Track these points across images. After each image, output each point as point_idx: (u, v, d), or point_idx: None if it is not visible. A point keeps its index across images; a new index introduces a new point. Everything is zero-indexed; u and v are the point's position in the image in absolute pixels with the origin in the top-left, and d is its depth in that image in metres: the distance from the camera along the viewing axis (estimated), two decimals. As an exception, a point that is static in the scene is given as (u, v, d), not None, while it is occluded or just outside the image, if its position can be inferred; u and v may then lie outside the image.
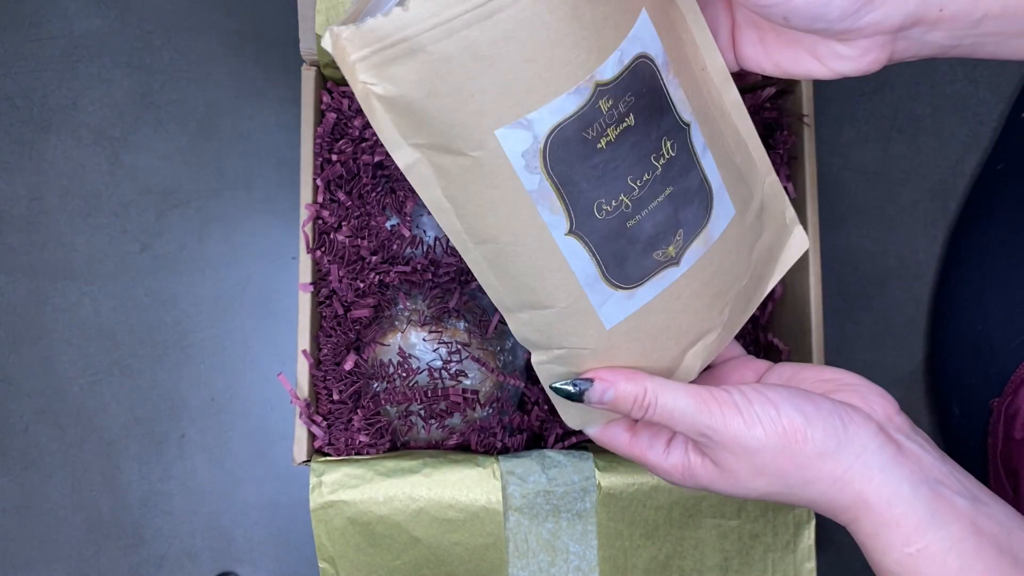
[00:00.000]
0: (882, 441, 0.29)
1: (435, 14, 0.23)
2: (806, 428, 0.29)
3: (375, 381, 0.45)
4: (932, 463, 0.30)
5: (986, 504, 0.29)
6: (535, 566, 0.41)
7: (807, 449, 0.29)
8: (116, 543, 0.52)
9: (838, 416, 0.29)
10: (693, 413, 0.29)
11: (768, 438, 0.29)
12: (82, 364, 0.52)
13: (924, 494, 0.29)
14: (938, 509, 0.28)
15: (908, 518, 0.28)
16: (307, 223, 0.43)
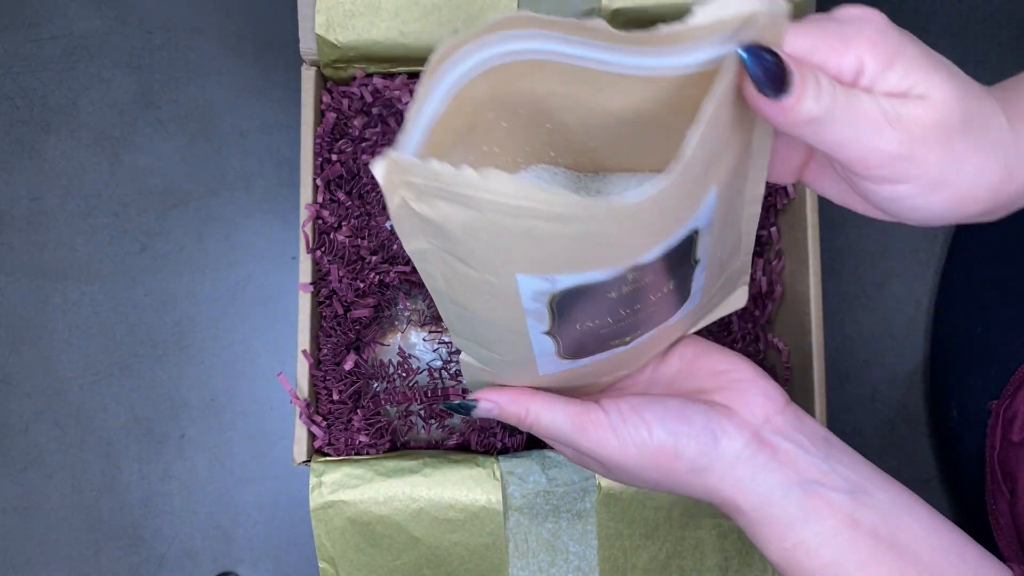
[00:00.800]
0: (754, 450, 0.31)
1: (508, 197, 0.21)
2: (676, 449, 0.30)
3: (375, 381, 0.45)
4: (810, 463, 0.31)
5: (870, 495, 0.30)
6: (535, 566, 0.41)
7: (679, 467, 0.31)
8: (116, 543, 0.52)
9: (710, 432, 0.30)
10: (570, 434, 0.31)
11: (641, 458, 0.31)
12: (82, 364, 0.52)
13: (796, 496, 0.30)
14: (811, 508, 0.30)
15: (780, 519, 0.30)
16: (307, 223, 0.43)
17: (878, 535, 0.29)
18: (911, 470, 0.53)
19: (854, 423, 0.53)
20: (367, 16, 0.42)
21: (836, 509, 0.30)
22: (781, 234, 0.48)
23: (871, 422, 0.54)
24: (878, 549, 0.29)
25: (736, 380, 0.33)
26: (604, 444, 0.31)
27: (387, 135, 0.45)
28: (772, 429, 0.32)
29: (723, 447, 0.31)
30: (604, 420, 0.30)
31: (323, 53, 0.43)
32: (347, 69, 0.44)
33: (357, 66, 0.44)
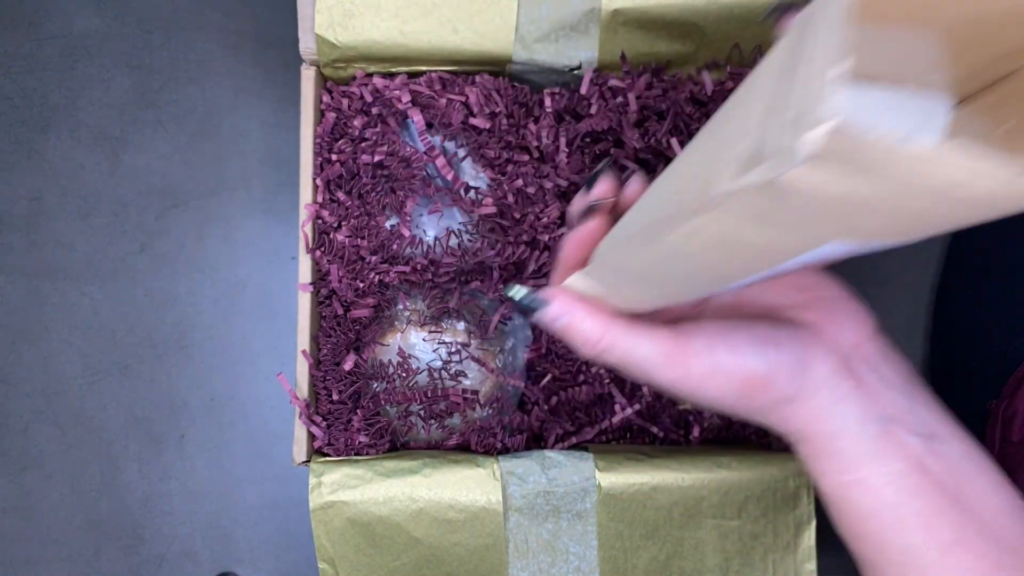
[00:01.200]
0: (840, 378, 0.29)
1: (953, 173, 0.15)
2: (767, 377, 0.28)
3: (375, 381, 0.45)
4: (891, 399, 0.29)
5: (943, 442, 0.29)
6: (535, 566, 0.41)
7: (764, 396, 0.29)
8: (115, 543, 0.52)
9: (800, 359, 0.29)
10: (654, 363, 0.28)
11: (728, 386, 0.28)
12: (81, 364, 0.52)
13: (871, 430, 0.28)
14: (883, 446, 0.28)
15: (848, 451, 0.28)
16: (307, 223, 0.43)
17: (944, 486, 0.28)
18: (912, 470, 0.53)
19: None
20: (367, 16, 0.42)
21: (908, 452, 0.28)
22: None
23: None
24: (942, 501, 0.28)
25: (825, 298, 0.31)
26: (691, 372, 0.28)
27: (387, 135, 0.45)
28: (860, 357, 0.30)
29: (811, 373, 0.29)
30: (691, 346, 0.28)
31: (323, 53, 0.43)
32: (347, 69, 0.44)
33: (357, 66, 0.44)
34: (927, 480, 0.28)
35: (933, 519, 0.28)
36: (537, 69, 0.44)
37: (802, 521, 0.42)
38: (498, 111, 0.44)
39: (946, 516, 0.28)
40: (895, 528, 0.28)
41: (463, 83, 0.45)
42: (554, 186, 0.44)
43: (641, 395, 0.47)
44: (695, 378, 0.28)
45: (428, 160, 0.45)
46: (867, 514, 0.28)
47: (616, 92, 0.45)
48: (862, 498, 0.28)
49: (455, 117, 0.44)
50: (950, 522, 0.28)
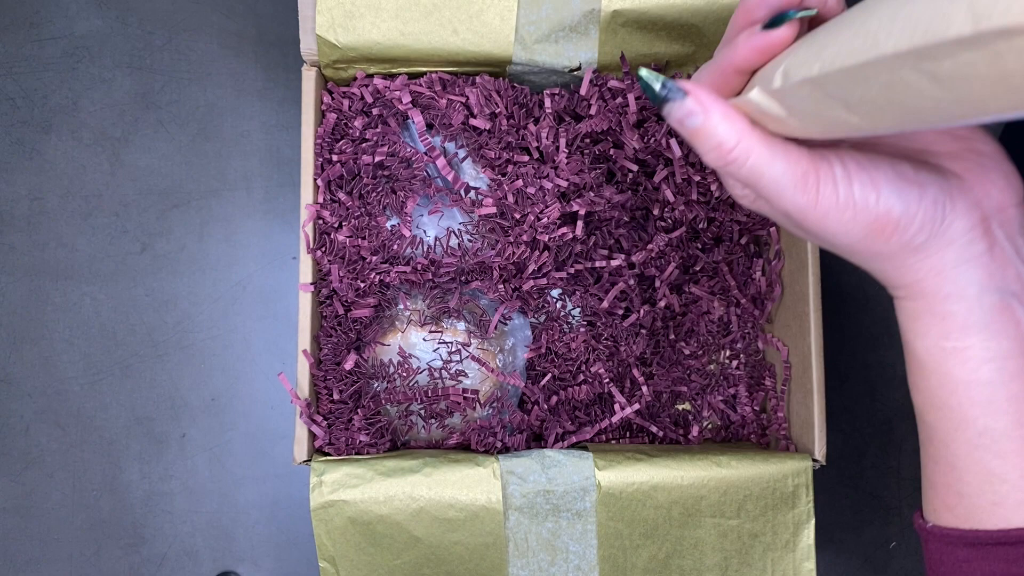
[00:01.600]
0: (974, 236, 0.27)
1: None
2: (901, 220, 0.26)
3: (375, 381, 0.45)
4: (1018, 275, 0.27)
5: None
6: (535, 565, 0.41)
7: (894, 240, 0.26)
8: (117, 543, 0.52)
9: (941, 206, 0.26)
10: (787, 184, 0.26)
11: (855, 223, 0.26)
12: (83, 364, 0.52)
13: (990, 301, 0.26)
14: (997, 319, 0.26)
15: (958, 316, 0.27)
16: (307, 223, 0.43)
17: None
18: (911, 470, 0.53)
19: (854, 423, 0.53)
20: (368, 17, 0.42)
21: (1020, 331, 0.26)
22: (781, 234, 0.48)
23: (871, 422, 0.54)
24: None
25: (979, 152, 0.28)
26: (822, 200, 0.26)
27: (387, 135, 0.45)
28: (1001, 220, 0.27)
29: (947, 224, 0.26)
30: (829, 172, 0.26)
31: (324, 54, 0.43)
32: (348, 70, 0.44)
33: (358, 66, 0.44)
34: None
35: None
36: (537, 70, 0.44)
37: (801, 520, 0.42)
38: (498, 112, 0.45)
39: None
40: (983, 407, 0.26)
41: (463, 84, 0.45)
42: (554, 186, 0.44)
43: (641, 395, 0.47)
44: (824, 208, 0.26)
45: (428, 160, 0.45)
46: (957, 386, 0.27)
47: (616, 93, 0.45)
48: (958, 368, 0.27)
49: (455, 118, 0.44)
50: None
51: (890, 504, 0.53)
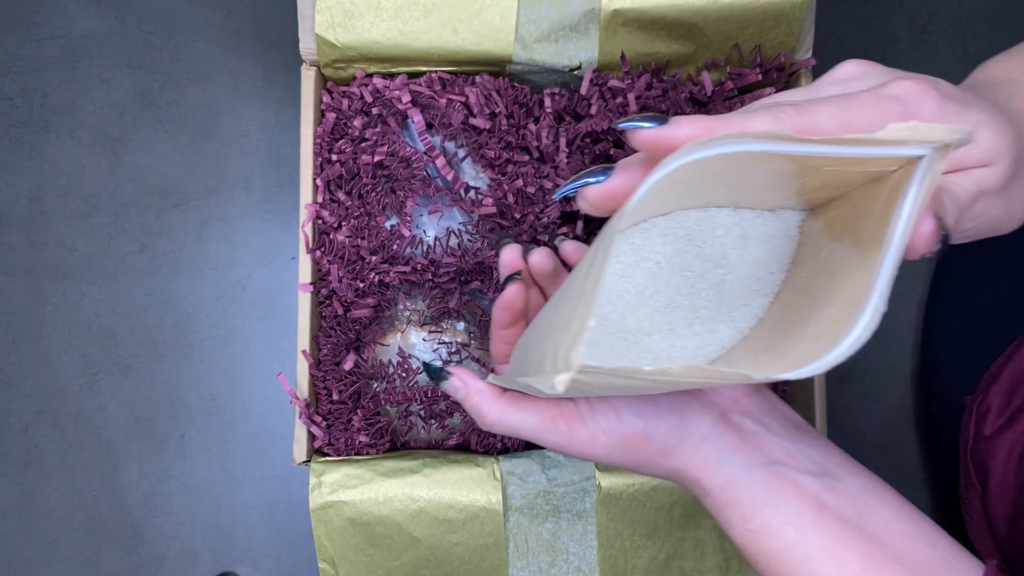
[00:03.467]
0: (721, 431, 0.31)
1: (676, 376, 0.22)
2: (647, 432, 0.30)
3: (375, 381, 0.45)
4: (776, 444, 0.31)
5: (838, 479, 0.30)
6: (535, 566, 0.41)
7: (649, 449, 0.31)
8: (116, 543, 0.52)
9: (677, 413, 0.31)
10: (541, 431, 0.31)
11: (611, 445, 0.31)
12: (82, 364, 0.52)
13: (760, 476, 0.30)
14: (775, 489, 0.29)
15: (743, 499, 0.30)
16: (307, 223, 0.43)
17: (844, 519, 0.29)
18: (911, 470, 0.53)
19: (854, 423, 0.53)
20: (367, 16, 0.42)
21: (801, 491, 0.29)
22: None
23: (871, 422, 0.54)
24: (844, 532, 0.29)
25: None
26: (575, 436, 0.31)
27: (387, 135, 0.45)
28: (740, 411, 0.32)
29: (690, 427, 0.31)
30: (574, 410, 0.30)
31: (323, 53, 0.43)
32: (347, 69, 0.44)
33: (357, 66, 0.44)
34: (826, 515, 0.29)
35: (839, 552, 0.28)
36: (537, 69, 0.44)
37: (802, 521, 0.42)
38: (498, 111, 0.44)
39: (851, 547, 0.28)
40: (805, 566, 0.29)
41: (463, 83, 0.45)
42: (554, 186, 0.44)
43: (641, 395, 0.47)
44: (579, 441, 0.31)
45: (428, 160, 0.45)
46: (777, 556, 0.29)
47: (616, 92, 0.45)
48: (768, 542, 0.29)
49: (455, 117, 0.44)
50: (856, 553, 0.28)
51: (891, 505, 0.53)
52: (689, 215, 0.28)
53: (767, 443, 0.31)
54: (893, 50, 0.54)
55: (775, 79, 0.45)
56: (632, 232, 0.28)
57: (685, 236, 0.28)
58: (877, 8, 0.55)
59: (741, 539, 0.30)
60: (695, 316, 0.29)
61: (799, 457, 0.30)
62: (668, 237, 0.28)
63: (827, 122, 0.24)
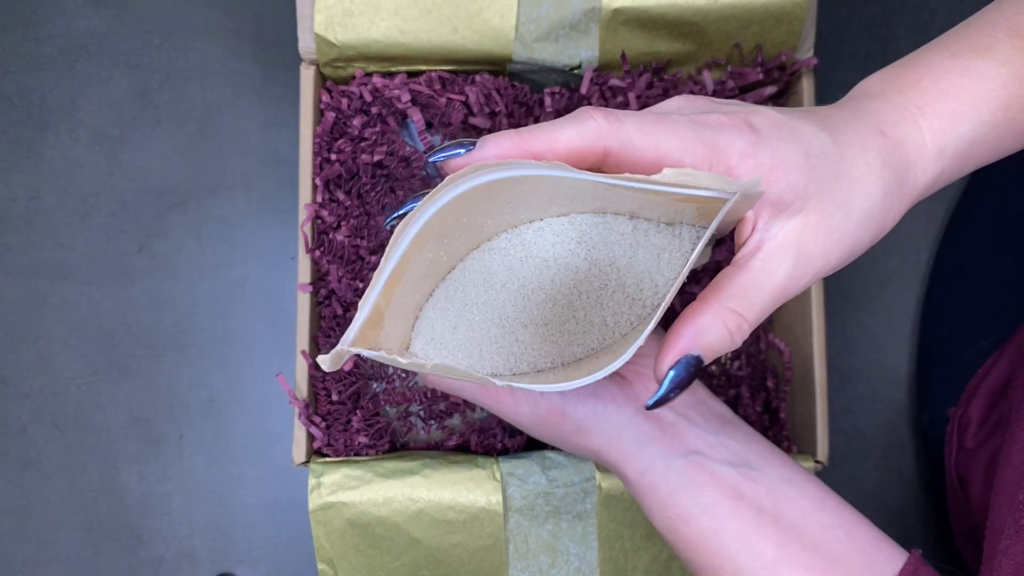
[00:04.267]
0: (640, 420, 0.32)
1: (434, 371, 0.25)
2: (564, 410, 0.32)
3: (374, 382, 0.45)
4: (696, 436, 0.32)
5: (757, 469, 0.31)
6: (535, 568, 0.41)
7: (566, 427, 0.32)
8: (114, 544, 0.51)
9: (599, 399, 0.32)
10: (474, 391, 0.33)
11: (533, 416, 0.32)
12: (80, 365, 0.52)
13: (677, 465, 0.31)
14: (693, 478, 0.30)
15: (661, 487, 0.31)
16: (306, 223, 0.43)
17: (761, 508, 0.29)
18: (912, 471, 0.53)
19: (855, 423, 0.53)
20: (366, 15, 0.42)
21: (719, 480, 0.30)
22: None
23: (872, 423, 0.53)
24: (760, 521, 0.29)
25: (640, 355, 0.34)
26: (502, 401, 0.33)
27: (386, 134, 0.45)
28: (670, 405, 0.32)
29: (610, 414, 0.32)
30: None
31: (322, 52, 0.43)
32: (346, 68, 0.44)
33: (356, 65, 0.44)
34: (742, 504, 0.30)
35: (754, 539, 0.29)
36: (537, 68, 0.44)
37: (803, 522, 0.42)
38: (498, 111, 0.44)
39: (766, 535, 0.29)
40: (721, 554, 0.29)
41: (463, 82, 0.44)
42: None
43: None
44: (505, 406, 0.33)
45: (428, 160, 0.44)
46: (695, 544, 0.30)
47: (616, 92, 0.44)
48: (686, 530, 0.30)
49: (455, 117, 0.44)
50: (771, 541, 0.29)
51: (892, 506, 0.53)
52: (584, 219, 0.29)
53: (687, 434, 0.32)
54: (894, 49, 0.54)
55: (776, 78, 0.45)
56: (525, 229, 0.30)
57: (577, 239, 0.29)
58: (878, 7, 0.55)
59: (661, 527, 0.31)
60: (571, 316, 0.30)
61: (719, 448, 0.31)
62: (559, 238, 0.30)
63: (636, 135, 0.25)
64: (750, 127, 0.25)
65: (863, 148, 0.26)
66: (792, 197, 0.25)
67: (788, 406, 0.47)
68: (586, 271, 0.29)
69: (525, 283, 0.30)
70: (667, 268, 0.29)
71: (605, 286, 0.29)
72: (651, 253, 0.29)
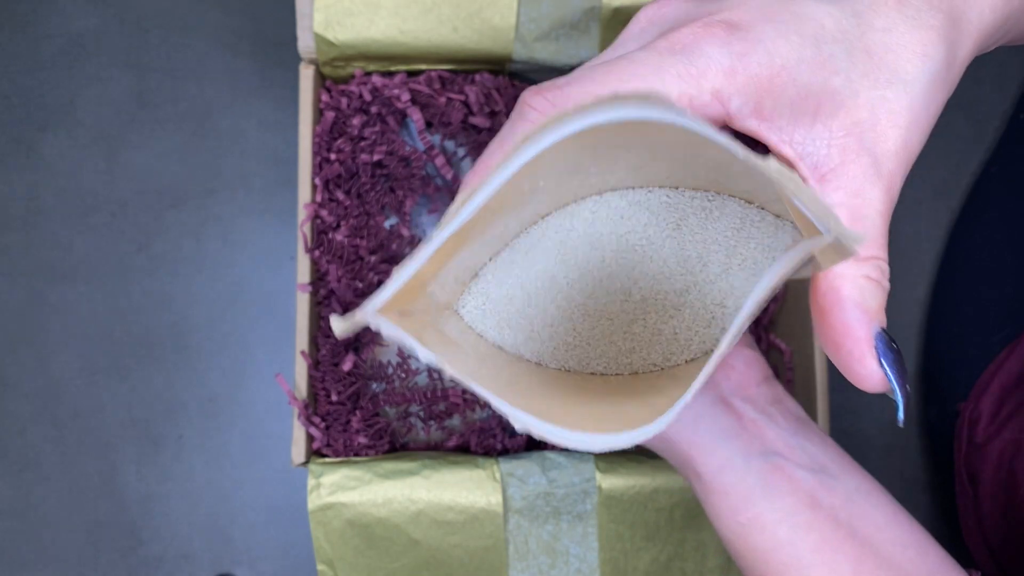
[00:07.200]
0: (719, 412, 0.29)
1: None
2: None
3: (374, 382, 0.45)
4: (777, 436, 0.29)
5: (834, 477, 0.29)
6: (535, 568, 0.41)
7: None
8: (113, 545, 0.51)
9: None
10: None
11: None
12: (79, 365, 0.52)
13: (757, 465, 0.28)
14: (772, 481, 0.28)
15: (737, 488, 0.28)
16: (305, 223, 0.43)
17: (838, 519, 0.28)
18: (914, 472, 0.53)
19: (857, 424, 0.53)
20: (366, 14, 0.42)
21: (797, 486, 0.28)
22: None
23: (874, 423, 0.53)
24: (837, 534, 0.27)
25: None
26: None
27: (386, 134, 0.45)
28: (743, 397, 0.30)
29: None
30: None
31: (321, 51, 0.42)
32: (346, 67, 0.44)
33: (356, 64, 0.44)
34: (820, 514, 0.28)
35: (830, 554, 0.27)
36: (537, 68, 0.44)
37: (804, 523, 0.42)
38: (498, 110, 0.44)
39: (843, 550, 0.27)
40: (794, 567, 0.27)
41: (463, 82, 0.44)
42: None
43: (642, 396, 0.47)
44: None
45: (427, 159, 0.44)
46: (766, 555, 0.28)
47: (617, 91, 0.44)
48: (758, 538, 0.28)
49: (455, 116, 0.44)
50: (847, 556, 0.27)
51: (893, 506, 0.53)
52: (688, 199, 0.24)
53: (768, 433, 0.29)
54: (895, 48, 0.54)
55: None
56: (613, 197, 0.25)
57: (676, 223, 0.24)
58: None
59: (729, 532, 0.29)
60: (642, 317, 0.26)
61: (798, 451, 0.29)
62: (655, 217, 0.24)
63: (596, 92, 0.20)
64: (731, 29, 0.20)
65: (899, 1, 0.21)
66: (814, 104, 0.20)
67: (789, 406, 0.47)
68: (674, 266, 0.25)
69: (603, 264, 0.25)
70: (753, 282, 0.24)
71: (687, 290, 0.25)
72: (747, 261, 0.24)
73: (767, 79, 0.20)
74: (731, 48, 0.20)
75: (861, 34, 0.20)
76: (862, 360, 0.21)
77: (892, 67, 0.20)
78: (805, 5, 0.20)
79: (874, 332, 0.21)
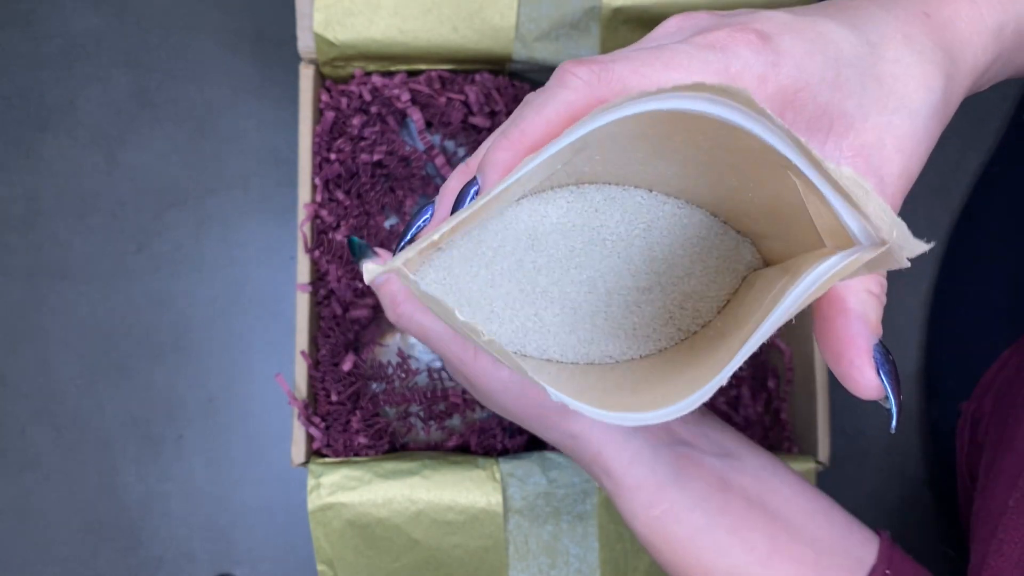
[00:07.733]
0: None
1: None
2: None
3: (374, 382, 0.45)
4: (680, 425, 0.30)
5: (739, 459, 0.29)
6: (535, 568, 0.41)
7: (546, 402, 0.28)
8: (113, 545, 0.51)
9: None
10: (448, 342, 0.28)
11: (512, 385, 0.28)
12: (79, 365, 0.52)
13: (665, 455, 0.28)
14: (681, 468, 0.28)
15: (649, 480, 0.28)
16: (305, 223, 0.43)
17: (749, 498, 0.28)
18: (914, 470, 0.53)
19: (857, 424, 0.53)
20: (366, 14, 0.42)
21: (707, 471, 0.29)
22: (783, 234, 0.48)
23: (874, 423, 0.53)
24: (751, 512, 0.28)
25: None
26: (480, 358, 0.28)
27: (386, 133, 0.45)
28: None
29: None
30: None
31: (321, 51, 0.42)
32: (346, 67, 0.44)
33: (356, 64, 0.44)
34: (732, 495, 0.28)
35: (746, 532, 0.28)
36: (537, 68, 0.44)
37: (804, 523, 0.42)
38: (498, 110, 0.44)
39: (757, 527, 0.28)
40: (713, 550, 0.28)
41: (463, 82, 0.44)
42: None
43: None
44: (482, 365, 0.28)
45: (427, 159, 0.44)
46: (683, 544, 0.28)
47: (617, 91, 0.44)
48: (674, 528, 0.28)
49: (455, 116, 0.44)
50: (762, 533, 0.28)
51: (893, 506, 0.52)
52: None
53: (673, 424, 0.30)
54: None
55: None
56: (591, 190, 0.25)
57: (647, 224, 0.25)
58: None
59: (644, 528, 0.29)
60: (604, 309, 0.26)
61: (702, 439, 0.30)
62: (629, 215, 0.25)
63: (631, 79, 0.20)
64: (764, 40, 0.21)
65: (907, 37, 0.22)
66: (828, 122, 0.21)
67: (789, 407, 0.47)
68: (641, 265, 0.25)
69: (572, 253, 0.25)
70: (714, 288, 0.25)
71: (651, 288, 0.25)
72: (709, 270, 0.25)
73: (792, 92, 0.21)
74: (764, 57, 0.21)
75: (874, 63, 0.22)
76: (862, 370, 0.21)
77: (900, 95, 0.22)
78: (828, 28, 0.21)
79: (874, 346, 0.22)
